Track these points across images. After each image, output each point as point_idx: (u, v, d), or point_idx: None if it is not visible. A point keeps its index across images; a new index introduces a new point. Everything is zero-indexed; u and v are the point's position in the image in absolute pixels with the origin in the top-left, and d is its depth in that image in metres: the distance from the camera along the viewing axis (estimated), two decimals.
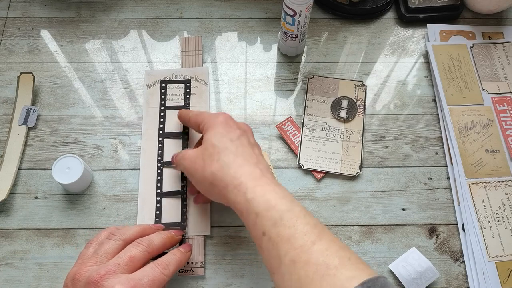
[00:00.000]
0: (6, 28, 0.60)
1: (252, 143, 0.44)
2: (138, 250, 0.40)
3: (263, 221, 0.37)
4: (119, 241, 0.41)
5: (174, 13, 0.62)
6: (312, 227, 0.36)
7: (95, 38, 0.60)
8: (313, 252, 0.34)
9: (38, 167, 0.52)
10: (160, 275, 0.39)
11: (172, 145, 0.53)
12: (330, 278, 0.32)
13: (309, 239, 0.35)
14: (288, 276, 0.34)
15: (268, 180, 0.39)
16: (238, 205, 0.39)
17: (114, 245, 0.41)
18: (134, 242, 0.41)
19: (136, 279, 0.37)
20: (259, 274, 0.48)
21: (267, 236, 0.36)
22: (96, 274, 0.37)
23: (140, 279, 0.38)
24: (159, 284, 0.39)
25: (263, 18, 0.62)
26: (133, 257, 0.39)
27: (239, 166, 0.40)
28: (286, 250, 0.35)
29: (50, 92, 0.56)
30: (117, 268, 0.38)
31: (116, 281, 0.37)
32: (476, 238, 0.48)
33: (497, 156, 0.53)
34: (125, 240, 0.41)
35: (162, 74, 0.57)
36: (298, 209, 0.37)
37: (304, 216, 0.36)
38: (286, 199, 0.38)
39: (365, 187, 0.52)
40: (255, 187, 0.38)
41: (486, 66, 0.58)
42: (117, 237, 0.41)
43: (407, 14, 0.61)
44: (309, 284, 0.33)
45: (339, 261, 0.33)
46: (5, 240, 0.49)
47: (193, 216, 0.49)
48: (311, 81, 0.57)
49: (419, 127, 0.55)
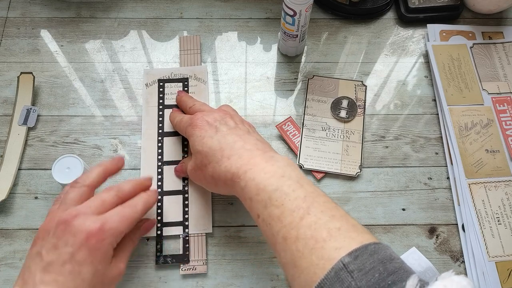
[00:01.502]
0: (6, 28, 0.60)
1: (233, 126, 0.44)
2: (108, 194, 0.40)
3: (256, 204, 0.37)
4: (83, 187, 0.41)
5: (174, 13, 0.62)
6: (302, 200, 0.36)
7: (95, 38, 0.60)
8: (301, 227, 0.34)
9: (38, 167, 0.52)
10: (128, 213, 0.40)
11: (172, 143, 0.53)
12: (318, 251, 0.33)
13: (297, 215, 0.35)
14: (283, 253, 0.35)
15: (257, 159, 0.40)
16: (237, 194, 0.40)
17: (79, 192, 0.40)
18: (104, 189, 0.41)
19: (106, 217, 0.38)
20: (259, 274, 0.48)
21: (261, 218, 0.37)
22: (66, 214, 0.38)
23: (110, 217, 0.38)
24: (128, 222, 0.39)
25: (263, 18, 0.62)
26: (104, 201, 0.39)
27: (227, 159, 0.40)
28: (278, 229, 0.35)
29: (50, 92, 0.56)
30: (88, 209, 0.38)
31: (86, 219, 0.37)
32: (476, 238, 0.48)
33: (497, 156, 0.53)
34: (89, 186, 0.41)
35: (160, 73, 0.57)
36: (287, 184, 0.37)
37: (293, 191, 0.36)
38: (274, 177, 0.38)
39: (365, 187, 0.52)
40: (245, 173, 0.39)
41: (486, 66, 0.58)
42: (80, 184, 0.41)
43: (407, 14, 0.61)
44: (300, 258, 0.33)
45: (327, 233, 0.33)
46: (5, 240, 0.49)
47: (194, 214, 0.49)
48: (311, 81, 0.57)
49: (419, 127, 0.55)
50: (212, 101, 0.56)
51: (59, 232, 0.37)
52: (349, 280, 0.30)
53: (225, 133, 0.43)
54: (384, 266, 0.30)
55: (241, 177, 0.39)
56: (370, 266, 0.30)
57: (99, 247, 0.37)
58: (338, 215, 0.35)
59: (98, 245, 0.37)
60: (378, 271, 0.30)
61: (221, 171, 0.40)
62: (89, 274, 0.36)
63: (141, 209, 0.41)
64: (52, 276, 0.36)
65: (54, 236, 0.37)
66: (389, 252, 0.32)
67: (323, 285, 0.31)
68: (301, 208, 0.35)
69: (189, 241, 0.48)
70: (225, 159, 0.40)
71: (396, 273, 0.30)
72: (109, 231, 0.37)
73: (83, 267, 0.36)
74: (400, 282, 0.29)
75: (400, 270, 0.31)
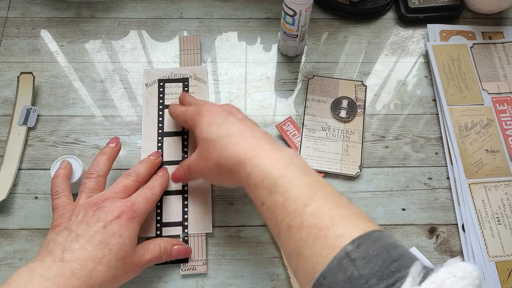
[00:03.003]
0: (6, 28, 0.60)
1: (241, 118, 0.44)
2: (129, 180, 0.45)
3: (260, 191, 0.37)
4: (99, 177, 0.45)
5: (174, 13, 0.62)
6: (307, 188, 0.35)
7: (95, 38, 0.60)
8: (304, 214, 0.34)
9: (38, 167, 0.52)
10: (150, 195, 0.45)
11: (172, 144, 0.53)
12: (321, 239, 0.32)
13: (301, 202, 0.34)
14: (287, 242, 0.35)
15: (264, 146, 0.39)
16: (241, 182, 0.39)
17: (96, 181, 0.45)
18: (123, 175, 0.46)
19: (133, 199, 0.43)
20: (259, 274, 0.48)
21: (265, 206, 0.37)
22: (96, 199, 0.42)
23: (136, 199, 0.43)
24: (151, 203, 0.45)
25: (263, 18, 0.62)
26: (126, 186, 0.45)
27: (234, 145, 0.40)
28: (282, 217, 0.35)
29: (50, 92, 0.56)
30: (114, 194, 0.43)
31: (115, 201, 0.42)
32: (476, 238, 0.48)
33: (497, 156, 0.53)
34: (103, 175, 0.46)
35: (160, 73, 0.57)
36: (293, 171, 0.36)
37: (298, 178, 0.36)
38: (281, 163, 0.37)
39: (365, 187, 0.52)
40: (252, 158, 0.38)
41: (486, 66, 0.58)
42: (95, 174, 0.45)
43: (407, 14, 0.61)
44: (304, 247, 0.33)
45: (330, 220, 0.33)
46: (5, 240, 0.49)
47: (194, 214, 0.49)
48: (311, 81, 0.57)
49: (419, 127, 0.55)
50: (212, 101, 0.56)
51: (91, 212, 0.41)
52: (352, 268, 0.30)
53: (233, 122, 0.42)
54: (388, 253, 0.30)
55: (247, 163, 0.38)
56: (373, 253, 0.30)
57: (129, 223, 0.41)
58: (342, 203, 0.35)
59: (128, 221, 0.41)
60: (381, 258, 0.30)
61: (227, 156, 0.40)
62: (117, 246, 0.39)
63: (159, 191, 0.47)
64: (81, 244, 0.38)
65: (85, 215, 0.41)
66: (393, 240, 0.32)
67: (326, 274, 0.31)
68: (305, 195, 0.35)
69: (188, 241, 0.48)
70: (231, 146, 0.40)
71: (400, 260, 0.29)
72: (137, 211, 0.42)
73: (112, 239, 0.39)
74: (404, 269, 0.29)
75: (404, 257, 0.30)
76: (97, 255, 0.38)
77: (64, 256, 0.37)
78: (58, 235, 0.39)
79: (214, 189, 0.51)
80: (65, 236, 0.39)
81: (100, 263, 0.38)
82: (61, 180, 0.45)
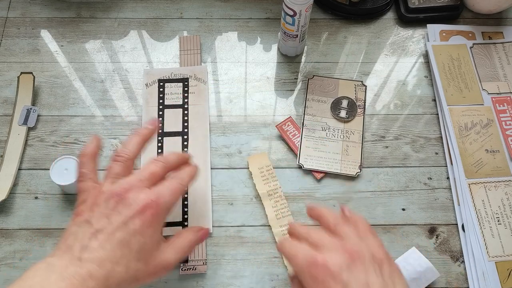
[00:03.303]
0: (6, 28, 0.60)
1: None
2: (157, 166, 0.41)
3: None
4: (127, 161, 0.41)
5: (174, 13, 0.62)
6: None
7: (95, 38, 0.60)
8: None
9: (38, 167, 0.52)
10: (178, 185, 0.40)
11: (171, 144, 0.53)
12: None
13: None
14: None
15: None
16: None
17: (123, 165, 0.40)
18: (151, 160, 0.41)
19: (158, 191, 0.38)
20: (259, 274, 0.48)
21: None
22: (119, 188, 0.38)
23: (162, 190, 0.39)
24: (178, 194, 0.40)
25: (263, 18, 0.62)
26: (152, 173, 0.40)
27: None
28: None
29: (50, 92, 0.56)
30: (140, 183, 0.39)
31: (140, 192, 0.38)
32: (476, 238, 0.48)
33: (497, 156, 0.53)
34: (132, 158, 0.41)
35: (160, 73, 0.57)
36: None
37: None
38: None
39: (365, 187, 0.52)
40: None
41: (486, 66, 0.58)
42: (123, 158, 0.41)
43: (407, 14, 0.61)
44: None
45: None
46: (5, 240, 0.49)
47: (193, 215, 0.49)
48: (311, 81, 0.57)
49: (419, 127, 0.55)
50: (212, 101, 0.56)
51: (112, 203, 0.37)
52: None
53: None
54: None
55: None
56: None
57: (152, 220, 0.37)
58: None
59: (151, 218, 0.37)
60: None
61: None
62: (137, 245, 0.36)
63: (187, 182, 0.42)
64: (100, 243, 0.35)
65: (106, 207, 0.37)
66: None
67: None
68: None
69: None
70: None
71: None
72: (163, 204, 0.38)
73: (133, 238, 0.36)
74: None
75: None
76: (115, 255, 0.36)
77: (82, 255, 0.35)
78: (79, 229, 0.37)
79: (214, 189, 0.51)
80: (85, 231, 0.36)
81: (118, 263, 0.36)
82: (87, 159, 0.42)
